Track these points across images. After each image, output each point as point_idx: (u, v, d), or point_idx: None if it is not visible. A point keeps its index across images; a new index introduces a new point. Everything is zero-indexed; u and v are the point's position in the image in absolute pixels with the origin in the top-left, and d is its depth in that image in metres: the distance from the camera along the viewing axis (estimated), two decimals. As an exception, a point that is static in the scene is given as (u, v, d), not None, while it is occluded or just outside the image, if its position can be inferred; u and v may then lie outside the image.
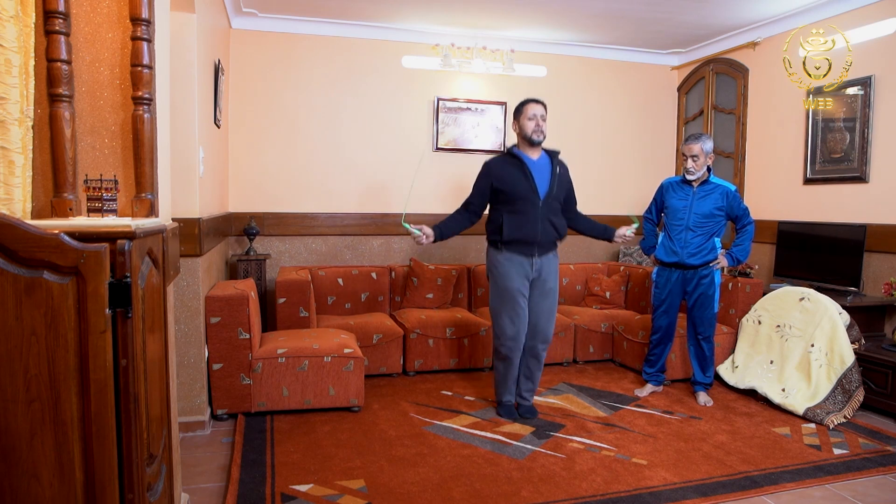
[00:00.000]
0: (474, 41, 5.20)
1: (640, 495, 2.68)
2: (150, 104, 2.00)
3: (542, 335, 3.58)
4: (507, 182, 3.48)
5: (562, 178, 3.58)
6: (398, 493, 2.66)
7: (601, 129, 5.82)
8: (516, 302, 3.48)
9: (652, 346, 4.08)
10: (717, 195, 3.80)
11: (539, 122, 3.48)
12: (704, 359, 3.96)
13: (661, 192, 4.03)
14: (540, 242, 3.49)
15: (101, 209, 1.85)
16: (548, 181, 3.51)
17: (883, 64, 4.11)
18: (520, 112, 3.54)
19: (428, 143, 5.39)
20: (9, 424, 1.38)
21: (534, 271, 3.51)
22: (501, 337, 3.53)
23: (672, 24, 5.02)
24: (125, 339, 1.47)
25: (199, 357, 3.39)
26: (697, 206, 3.82)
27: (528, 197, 3.46)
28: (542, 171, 3.52)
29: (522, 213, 3.46)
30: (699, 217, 3.81)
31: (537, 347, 3.59)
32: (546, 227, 3.49)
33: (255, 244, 4.87)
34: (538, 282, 3.54)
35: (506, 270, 3.49)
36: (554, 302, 3.61)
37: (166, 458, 1.93)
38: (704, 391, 3.97)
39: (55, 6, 1.79)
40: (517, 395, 3.68)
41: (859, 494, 2.74)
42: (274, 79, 5.02)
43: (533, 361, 3.62)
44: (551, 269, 3.58)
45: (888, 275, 4.07)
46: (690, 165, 3.80)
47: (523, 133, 3.51)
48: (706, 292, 3.85)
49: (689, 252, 3.83)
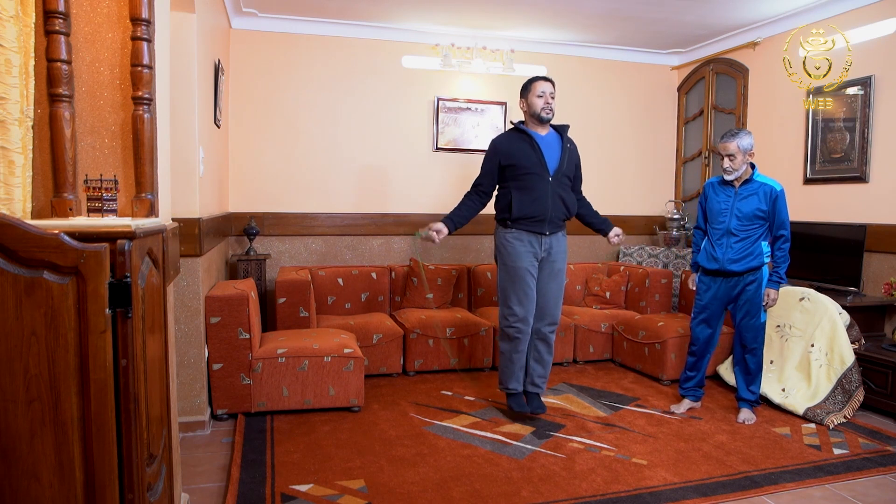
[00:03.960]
0: (474, 41, 5.20)
1: (640, 495, 2.68)
2: (150, 104, 2.00)
3: (549, 317, 3.52)
4: (515, 157, 3.42)
5: (571, 153, 3.53)
6: (398, 493, 2.66)
7: (601, 129, 5.82)
8: (525, 282, 3.42)
9: (689, 358, 3.79)
10: (761, 195, 3.48)
11: (548, 98, 3.43)
12: (749, 373, 3.61)
13: (704, 195, 3.73)
14: (550, 219, 3.43)
15: (101, 209, 1.85)
16: (557, 156, 3.46)
17: (883, 64, 4.11)
18: (527, 89, 3.47)
19: (428, 143, 5.40)
20: (9, 424, 1.38)
21: (543, 250, 3.46)
22: (509, 317, 3.46)
23: (672, 24, 5.02)
24: (125, 339, 1.47)
25: (199, 357, 3.39)
26: (739, 207, 3.51)
27: (538, 172, 3.40)
28: (552, 147, 3.47)
29: (532, 189, 3.40)
30: (741, 219, 3.50)
31: (545, 329, 3.53)
32: (556, 202, 3.43)
33: (255, 244, 4.87)
34: (547, 262, 3.49)
35: (514, 249, 3.43)
36: (562, 283, 3.56)
37: (166, 458, 1.93)
38: (750, 409, 3.64)
39: (55, 6, 1.79)
40: (529, 382, 3.58)
41: (859, 494, 2.74)
42: (274, 79, 5.02)
43: (542, 345, 3.55)
44: (560, 248, 3.52)
45: (888, 275, 4.07)
46: (728, 165, 3.49)
47: (532, 110, 3.45)
48: (752, 299, 3.53)
49: (730, 258, 3.52)
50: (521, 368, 3.55)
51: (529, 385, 3.60)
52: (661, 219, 5.88)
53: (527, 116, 3.52)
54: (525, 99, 3.49)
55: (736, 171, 3.50)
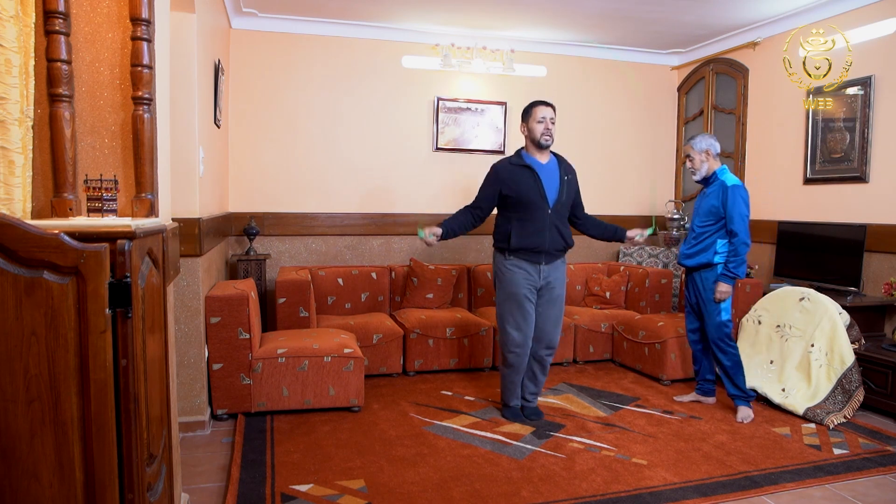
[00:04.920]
0: (474, 41, 5.19)
1: (640, 495, 2.68)
2: (150, 104, 2.00)
3: (547, 341, 3.56)
4: (515, 189, 3.44)
5: (570, 184, 3.56)
6: (398, 493, 2.66)
7: (601, 129, 5.82)
8: (523, 307, 3.46)
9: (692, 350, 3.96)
10: (718, 192, 3.60)
11: (548, 125, 3.45)
12: (725, 370, 3.66)
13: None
14: (547, 251, 3.46)
15: (101, 209, 1.85)
16: (557, 187, 3.49)
17: (883, 64, 4.11)
18: (528, 114, 3.50)
19: (428, 143, 5.39)
20: (9, 424, 1.38)
21: (541, 279, 3.49)
22: (509, 344, 3.50)
23: (672, 24, 5.02)
24: (125, 339, 1.47)
25: (199, 357, 3.39)
26: (700, 205, 3.72)
27: (538, 203, 3.43)
28: (551, 177, 3.50)
29: (531, 221, 3.43)
30: (700, 216, 3.69)
31: (542, 353, 3.58)
32: (554, 235, 3.46)
33: (255, 244, 4.87)
34: (546, 289, 3.52)
35: (513, 277, 3.46)
36: (561, 309, 3.59)
37: (166, 458, 1.93)
38: (745, 405, 3.65)
39: (55, 6, 1.79)
40: (521, 397, 3.67)
41: (859, 494, 2.74)
42: (274, 79, 5.02)
43: (537, 366, 3.61)
44: (558, 275, 3.55)
45: (888, 275, 4.07)
46: (689, 166, 3.78)
47: (532, 136, 3.48)
48: (703, 296, 3.68)
49: (685, 253, 3.76)
50: (521, 385, 3.64)
51: (522, 399, 3.68)
52: (661, 219, 5.88)
53: (527, 141, 3.54)
54: (525, 123, 3.51)
55: (697, 171, 3.71)
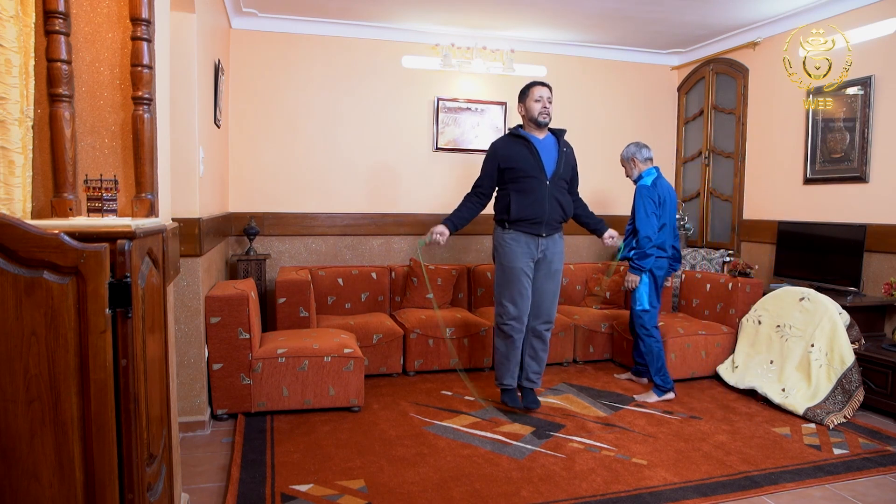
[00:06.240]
0: (474, 41, 5.20)
1: (640, 495, 2.68)
2: (150, 104, 2.00)
3: (545, 315, 3.62)
4: (513, 161, 3.52)
5: (568, 157, 3.63)
6: (398, 493, 2.66)
7: (601, 129, 5.82)
8: (520, 282, 3.52)
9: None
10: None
11: (546, 103, 3.53)
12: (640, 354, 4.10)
13: None
14: (547, 221, 3.53)
15: (101, 209, 1.85)
16: (555, 160, 3.57)
17: (883, 64, 4.11)
18: (525, 94, 3.58)
19: (428, 143, 5.39)
20: (9, 424, 1.38)
21: (539, 252, 3.56)
22: (504, 316, 3.56)
23: (672, 24, 5.02)
24: (125, 339, 1.47)
25: (199, 357, 3.39)
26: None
27: (535, 175, 3.50)
28: (549, 151, 3.57)
29: (530, 192, 3.50)
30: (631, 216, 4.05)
31: (540, 327, 3.63)
32: (553, 205, 3.53)
33: (255, 244, 4.87)
34: (543, 262, 3.58)
35: (511, 250, 3.53)
36: (558, 284, 3.67)
37: (166, 458, 1.93)
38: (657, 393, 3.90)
39: (55, 6, 1.79)
40: (524, 378, 3.68)
41: (859, 494, 2.74)
42: (274, 79, 5.02)
43: (537, 342, 3.65)
44: (557, 249, 3.62)
45: (888, 275, 4.07)
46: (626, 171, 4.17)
47: (529, 115, 3.56)
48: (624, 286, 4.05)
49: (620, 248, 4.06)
50: (516, 365, 3.66)
51: (525, 380, 3.70)
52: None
53: (525, 121, 3.62)
54: (523, 103, 3.60)
55: (630, 175, 4.11)
